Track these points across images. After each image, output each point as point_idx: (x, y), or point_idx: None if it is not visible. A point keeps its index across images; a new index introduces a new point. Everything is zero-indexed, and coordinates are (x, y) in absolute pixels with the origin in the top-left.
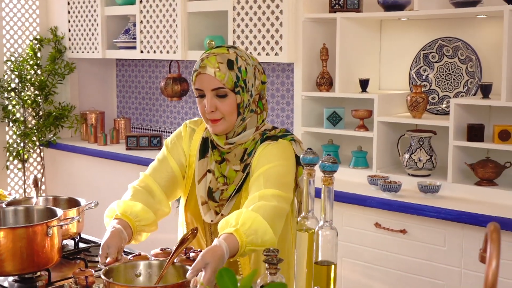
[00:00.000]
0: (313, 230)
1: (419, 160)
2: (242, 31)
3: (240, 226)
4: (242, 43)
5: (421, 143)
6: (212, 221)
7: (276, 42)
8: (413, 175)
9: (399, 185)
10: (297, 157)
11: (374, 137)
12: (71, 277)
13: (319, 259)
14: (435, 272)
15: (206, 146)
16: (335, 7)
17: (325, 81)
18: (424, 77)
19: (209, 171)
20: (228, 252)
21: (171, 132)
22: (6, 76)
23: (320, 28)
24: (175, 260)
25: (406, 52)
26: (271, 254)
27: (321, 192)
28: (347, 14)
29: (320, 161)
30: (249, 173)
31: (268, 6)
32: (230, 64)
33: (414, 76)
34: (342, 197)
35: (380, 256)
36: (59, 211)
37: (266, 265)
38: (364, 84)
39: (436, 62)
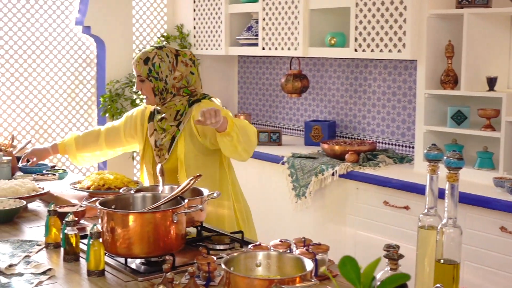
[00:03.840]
0: (435, 228)
1: None
2: (364, 28)
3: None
4: (364, 39)
5: None
6: (159, 163)
7: (399, 39)
8: None
9: None
10: None
11: (502, 137)
12: (194, 263)
13: (442, 257)
14: None
15: (152, 116)
16: (462, 3)
17: (450, 79)
18: None
19: (155, 129)
20: (225, 119)
21: (290, 128)
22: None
23: (446, 24)
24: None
25: None
26: (392, 250)
27: (445, 189)
28: (475, 9)
29: (445, 157)
30: (182, 127)
31: (392, 2)
32: (146, 60)
33: None
34: (466, 199)
35: (506, 261)
36: (184, 199)
37: (387, 260)
38: (491, 82)
39: None
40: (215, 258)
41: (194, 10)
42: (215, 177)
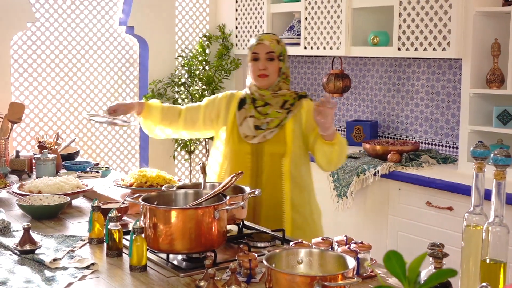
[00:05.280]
0: (480, 227)
1: None
2: (408, 26)
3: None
4: (408, 38)
5: None
6: (259, 142)
7: (444, 37)
8: None
9: None
10: None
11: None
12: (235, 260)
13: (488, 256)
14: None
15: (243, 102)
16: (509, 0)
17: (496, 78)
18: None
19: (250, 116)
20: (334, 131)
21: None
22: (177, 71)
23: (492, 22)
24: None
25: None
26: (436, 248)
27: (492, 187)
28: None
29: (492, 154)
30: (291, 115)
31: (437, 0)
32: (277, 41)
33: None
34: None
35: None
36: (226, 196)
37: (431, 259)
38: None
39: None
40: (256, 255)
41: (236, 10)
42: (308, 171)
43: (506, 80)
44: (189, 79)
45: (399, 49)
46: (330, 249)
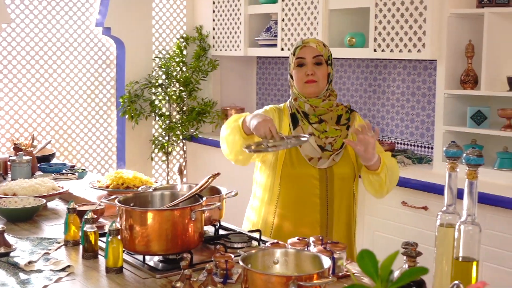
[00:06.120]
0: (453, 226)
1: None
2: (384, 28)
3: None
4: (384, 40)
5: None
6: (328, 166)
7: (419, 39)
8: None
9: None
10: None
11: None
12: (211, 261)
13: (460, 255)
14: None
15: (295, 119)
16: (483, 2)
17: (470, 79)
18: None
19: (311, 133)
20: (378, 158)
21: None
22: (154, 73)
23: (466, 24)
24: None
25: None
26: (410, 247)
27: (465, 186)
28: (496, 9)
29: (465, 154)
30: (350, 131)
31: (412, 2)
32: (324, 45)
33: None
34: (486, 199)
35: None
36: (203, 197)
37: (405, 257)
38: None
39: None
40: (232, 255)
41: (214, 11)
42: (357, 186)
43: (480, 81)
44: (166, 80)
45: (375, 50)
46: (306, 249)
